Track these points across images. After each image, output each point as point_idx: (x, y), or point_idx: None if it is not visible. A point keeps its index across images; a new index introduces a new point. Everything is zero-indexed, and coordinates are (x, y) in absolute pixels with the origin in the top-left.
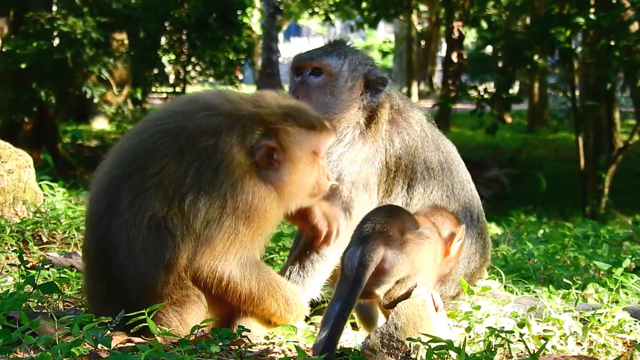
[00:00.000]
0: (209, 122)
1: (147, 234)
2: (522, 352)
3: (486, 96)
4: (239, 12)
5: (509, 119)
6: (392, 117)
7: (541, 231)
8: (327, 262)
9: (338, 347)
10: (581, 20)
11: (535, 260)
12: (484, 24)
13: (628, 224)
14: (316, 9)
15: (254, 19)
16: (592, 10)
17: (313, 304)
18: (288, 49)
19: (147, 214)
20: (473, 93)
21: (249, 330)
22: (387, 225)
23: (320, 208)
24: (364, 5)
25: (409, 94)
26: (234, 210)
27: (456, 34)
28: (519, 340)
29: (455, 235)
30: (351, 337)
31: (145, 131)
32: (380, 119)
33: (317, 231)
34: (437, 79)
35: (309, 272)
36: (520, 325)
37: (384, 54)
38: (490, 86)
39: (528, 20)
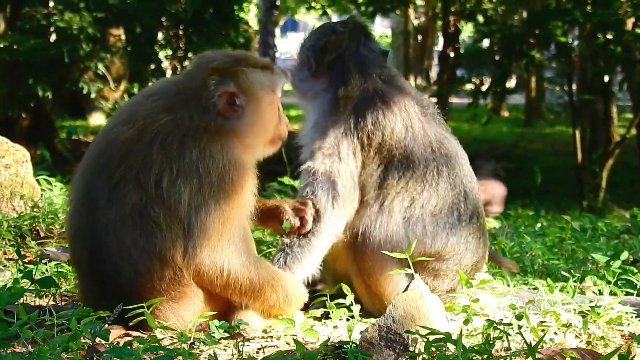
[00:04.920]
0: (160, 104)
1: (132, 226)
2: (520, 344)
3: (482, 88)
4: (235, 7)
5: (505, 113)
6: (368, 95)
7: (539, 224)
8: (323, 237)
9: (335, 341)
10: (578, 14)
11: (533, 253)
12: (480, 18)
13: (625, 217)
14: (313, 4)
15: (251, 14)
16: (589, 5)
17: (312, 293)
18: (285, 44)
19: (126, 206)
20: (469, 85)
21: (247, 324)
22: None
23: (288, 204)
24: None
25: None
26: (210, 185)
27: (452, 28)
28: (517, 333)
29: None
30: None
31: (106, 131)
32: (348, 92)
33: (291, 226)
34: (434, 73)
35: (306, 247)
36: (519, 318)
37: None
38: (487, 80)
39: (524, 14)
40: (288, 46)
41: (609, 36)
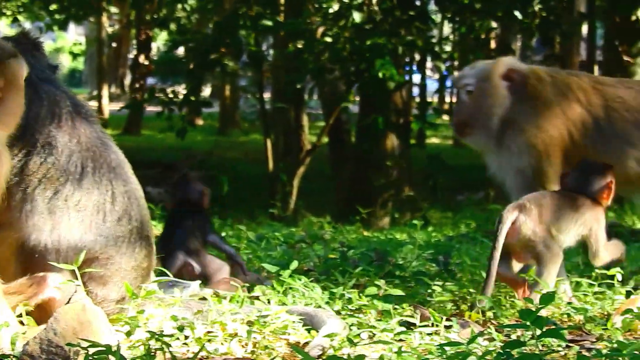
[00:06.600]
0: None
1: None
2: (184, 354)
3: (175, 99)
4: None
5: (200, 122)
6: None
7: (223, 234)
8: None
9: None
10: (269, 23)
11: None
12: (174, 27)
13: (311, 224)
14: (4, 10)
15: None
16: (281, 14)
17: None
18: None
19: None
20: (161, 95)
21: None
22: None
23: None
24: (53, 7)
25: (99, 97)
26: None
27: (144, 36)
28: (184, 344)
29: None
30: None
31: None
32: None
33: None
34: (128, 81)
35: None
36: (181, 329)
37: (74, 56)
38: (181, 89)
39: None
40: None
41: (300, 45)
